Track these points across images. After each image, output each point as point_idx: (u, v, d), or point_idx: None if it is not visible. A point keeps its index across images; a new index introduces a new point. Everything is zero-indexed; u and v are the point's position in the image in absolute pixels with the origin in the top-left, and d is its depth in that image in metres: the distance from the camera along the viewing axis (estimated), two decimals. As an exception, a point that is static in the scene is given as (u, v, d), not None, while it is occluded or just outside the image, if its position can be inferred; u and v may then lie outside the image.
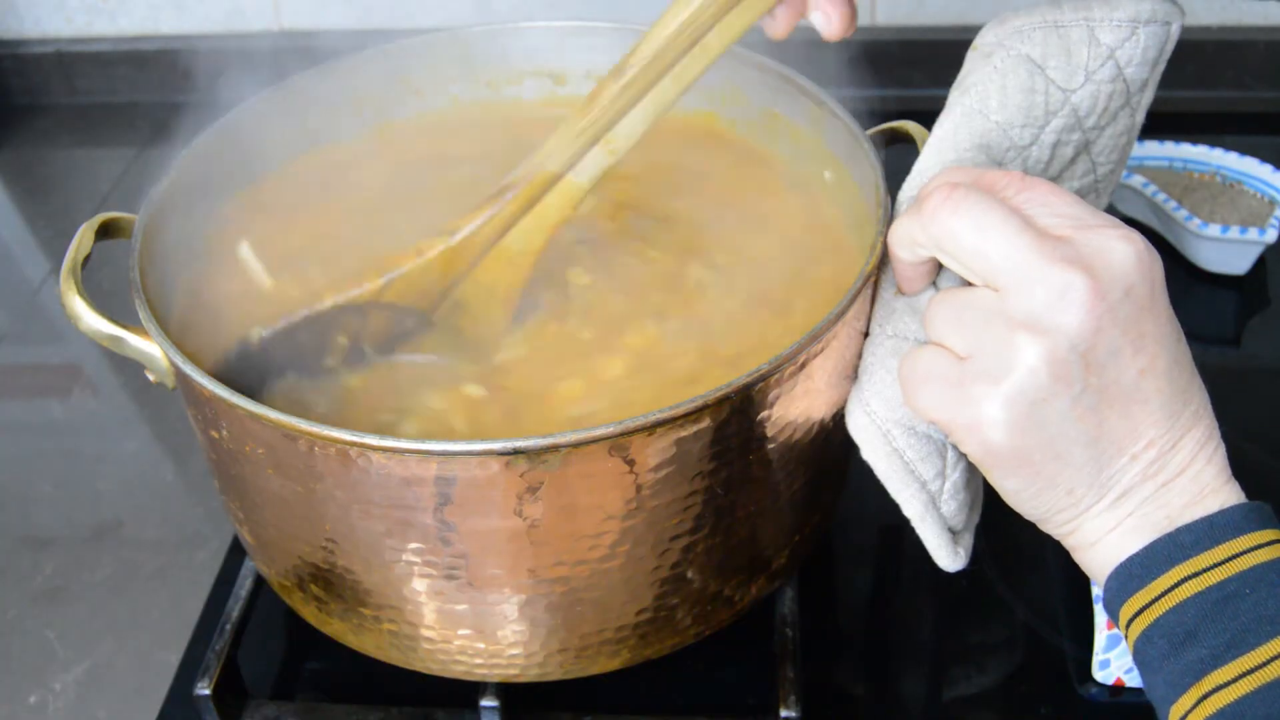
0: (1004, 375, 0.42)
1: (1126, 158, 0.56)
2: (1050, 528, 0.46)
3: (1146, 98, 0.54)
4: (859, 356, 0.52)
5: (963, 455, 0.51)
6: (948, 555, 0.51)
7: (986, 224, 0.42)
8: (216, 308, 0.58)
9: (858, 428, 0.51)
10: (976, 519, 0.53)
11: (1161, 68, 0.53)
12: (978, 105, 0.51)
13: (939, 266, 0.49)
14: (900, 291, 0.51)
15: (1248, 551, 0.41)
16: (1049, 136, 0.52)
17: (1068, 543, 0.46)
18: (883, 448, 0.50)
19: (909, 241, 0.47)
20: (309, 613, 0.57)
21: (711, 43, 0.51)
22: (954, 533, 0.52)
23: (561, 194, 0.53)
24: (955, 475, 0.51)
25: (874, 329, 0.52)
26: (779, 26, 0.51)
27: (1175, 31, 0.52)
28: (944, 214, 0.43)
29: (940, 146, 0.51)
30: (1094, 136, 0.53)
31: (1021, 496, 0.45)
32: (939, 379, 0.44)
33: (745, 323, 0.56)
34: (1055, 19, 0.51)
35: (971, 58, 0.53)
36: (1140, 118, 0.55)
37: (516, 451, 0.44)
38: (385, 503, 0.47)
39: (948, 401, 0.44)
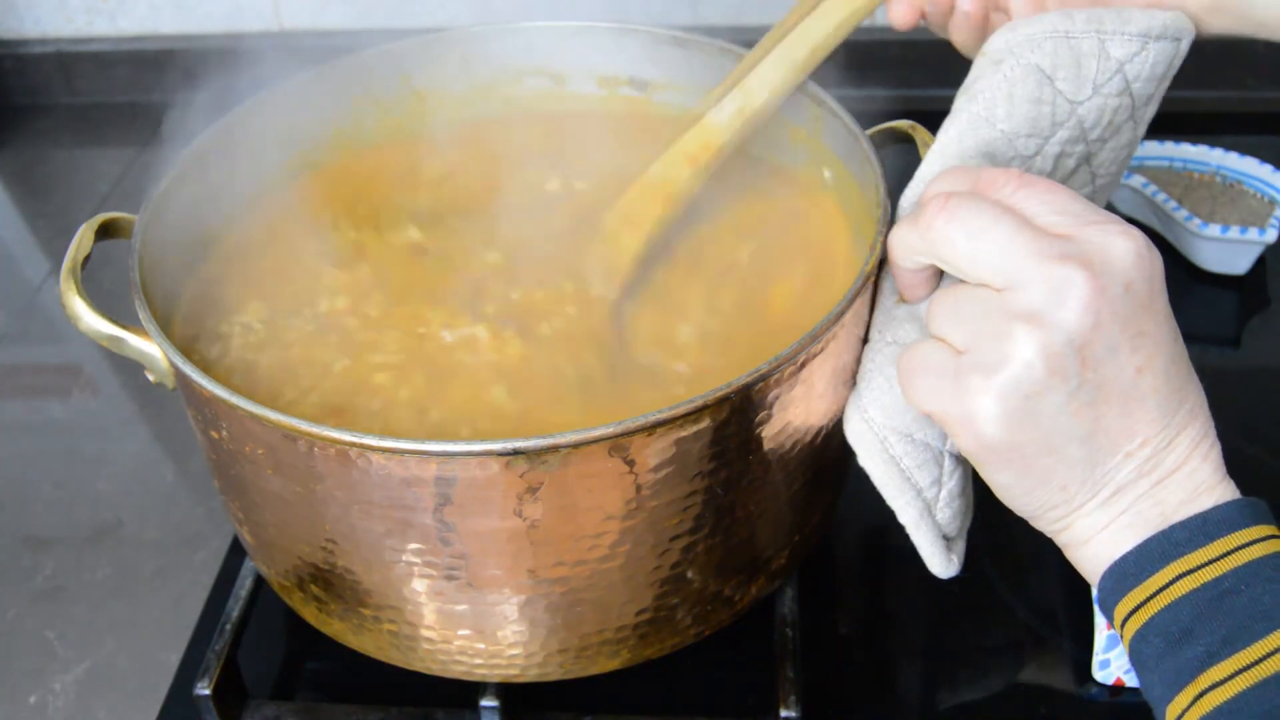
0: (999, 368, 0.42)
1: (1125, 168, 0.56)
2: (1042, 525, 0.46)
3: (1150, 111, 0.54)
4: (858, 360, 0.52)
5: (958, 463, 0.51)
6: (941, 562, 0.51)
7: (982, 229, 0.42)
8: (217, 307, 0.58)
9: (855, 434, 0.51)
10: (968, 525, 0.53)
11: (1167, 84, 0.53)
12: (984, 113, 0.51)
13: (940, 274, 0.49)
14: (901, 299, 0.51)
15: (1242, 548, 0.41)
16: (1053, 148, 0.51)
17: (1060, 540, 0.46)
18: (879, 455, 0.50)
19: (908, 250, 0.47)
20: (309, 613, 0.57)
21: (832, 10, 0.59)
22: (948, 539, 0.51)
23: (699, 131, 0.60)
24: (951, 483, 0.51)
25: (873, 335, 0.52)
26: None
27: (1184, 48, 0.52)
28: (940, 222, 0.43)
29: (944, 153, 0.51)
30: (1097, 149, 0.53)
31: (1014, 492, 0.45)
32: (935, 371, 0.44)
33: (742, 323, 0.56)
34: (1067, 29, 0.51)
35: (980, 63, 0.53)
36: (1142, 131, 0.54)
37: (516, 452, 0.44)
38: (385, 503, 0.47)
39: (942, 393, 0.44)
